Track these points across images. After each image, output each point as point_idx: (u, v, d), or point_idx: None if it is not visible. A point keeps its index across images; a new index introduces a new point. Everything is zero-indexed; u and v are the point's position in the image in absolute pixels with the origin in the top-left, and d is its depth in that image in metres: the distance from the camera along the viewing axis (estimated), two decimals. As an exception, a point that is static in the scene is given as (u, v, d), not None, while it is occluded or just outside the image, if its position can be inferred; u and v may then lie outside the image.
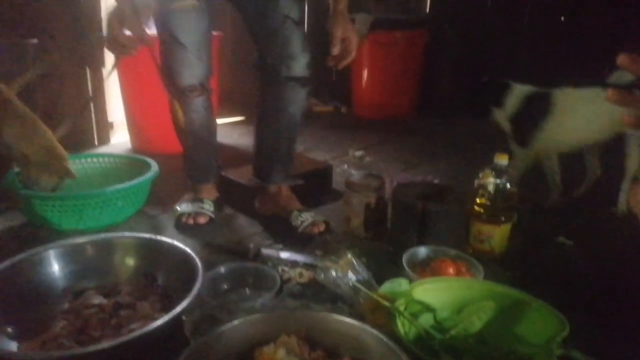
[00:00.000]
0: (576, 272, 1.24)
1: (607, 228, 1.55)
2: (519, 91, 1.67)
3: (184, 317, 0.87)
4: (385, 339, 0.75)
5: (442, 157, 2.09)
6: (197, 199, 1.50)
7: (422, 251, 1.20)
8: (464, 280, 1.02)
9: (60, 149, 1.35)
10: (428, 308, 0.94)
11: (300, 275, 1.13)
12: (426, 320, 0.93)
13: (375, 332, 0.77)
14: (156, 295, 1.03)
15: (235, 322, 0.78)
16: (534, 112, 1.63)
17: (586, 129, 1.62)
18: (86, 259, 1.08)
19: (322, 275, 1.05)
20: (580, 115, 1.60)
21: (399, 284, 0.94)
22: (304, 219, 1.41)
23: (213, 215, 1.48)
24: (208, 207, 1.48)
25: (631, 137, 1.59)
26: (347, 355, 0.79)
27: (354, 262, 1.03)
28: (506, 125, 1.70)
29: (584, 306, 1.04)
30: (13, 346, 0.88)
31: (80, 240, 1.09)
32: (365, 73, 3.20)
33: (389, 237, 1.36)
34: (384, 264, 1.18)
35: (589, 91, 1.59)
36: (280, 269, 1.15)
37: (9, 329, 0.91)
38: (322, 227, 1.40)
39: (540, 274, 1.23)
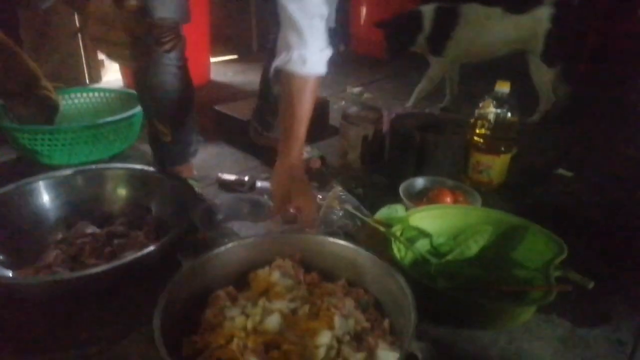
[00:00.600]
0: (575, 203, 1.23)
1: (607, 159, 1.53)
2: (429, 10, 1.82)
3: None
4: (380, 260, 0.74)
5: (442, 93, 2.04)
6: None
7: (420, 182, 1.18)
8: (461, 207, 1.00)
9: (45, 80, 1.30)
10: (424, 234, 0.93)
11: (296, 205, 1.11)
12: (422, 245, 0.93)
13: (370, 254, 0.76)
14: (150, 226, 1.01)
15: (229, 245, 0.77)
16: (445, 24, 1.81)
17: (487, 41, 1.82)
18: (78, 190, 1.07)
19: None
20: (482, 29, 1.79)
21: (395, 210, 0.93)
22: None
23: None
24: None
25: (530, 56, 1.78)
26: (343, 278, 0.79)
27: (342, 193, 1.01)
28: (424, 44, 1.85)
29: (583, 234, 1.04)
30: (7, 274, 0.88)
31: (70, 171, 1.07)
32: (363, 9, 3.08)
33: (386, 169, 1.33)
34: (381, 195, 1.16)
35: (491, 9, 1.77)
36: (275, 199, 1.13)
37: (2, 258, 0.90)
38: (317, 164, 1.38)
39: (539, 204, 1.22)
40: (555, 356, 0.78)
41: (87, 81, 2.30)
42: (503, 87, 1.21)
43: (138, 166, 1.11)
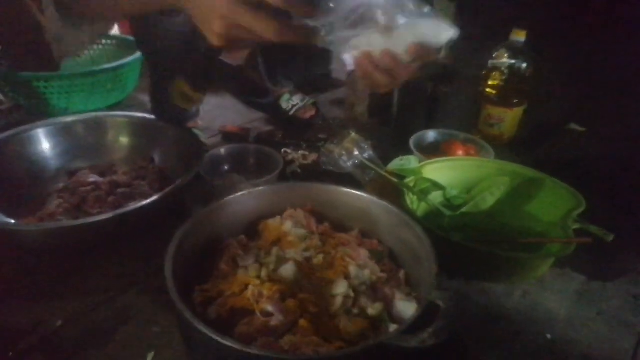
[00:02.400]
0: (588, 157, 1.20)
1: (620, 113, 1.49)
2: None
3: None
4: (396, 210, 0.72)
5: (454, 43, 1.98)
6: None
7: (430, 135, 1.15)
8: (475, 160, 0.97)
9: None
10: (437, 186, 0.90)
11: (304, 157, 1.08)
12: (435, 198, 0.91)
13: (385, 203, 0.73)
14: (154, 175, 0.98)
15: (239, 194, 0.74)
16: None
17: None
18: (78, 138, 1.02)
19: (326, 159, 1.01)
20: None
21: (408, 161, 0.90)
22: (295, 102, 1.33)
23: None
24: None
25: None
26: (356, 229, 0.77)
27: (359, 140, 0.98)
28: None
29: (597, 188, 1.01)
30: (9, 222, 0.85)
31: (69, 119, 1.03)
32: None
33: (395, 122, 1.29)
34: (391, 149, 1.13)
35: None
36: (282, 150, 1.10)
37: (3, 207, 0.87)
38: (312, 112, 1.33)
39: (551, 159, 1.19)
40: (570, 310, 0.77)
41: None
42: (519, 36, 1.16)
43: (140, 114, 1.07)
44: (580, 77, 1.72)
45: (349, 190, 0.76)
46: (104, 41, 1.54)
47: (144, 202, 0.76)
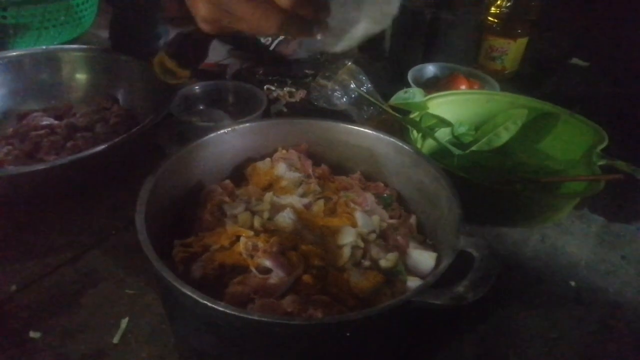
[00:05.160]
0: (596, 92, 1.12)
1: (623, 47, 1.41)
2: None
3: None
4: (407, 147, 0.61)
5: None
6: None
7: (430, 69, 1.04)
8: (484, 93, 0.87)
9: None
10: (445, 122, 0.80)
11: (290, 94, 0.97)
12: (442, 135, 0.81)
13: (393, 140, 0.63)
14: (118, 117, 0.85)
15: (221, 131, 0.63)
16: None
17: None
18: (27, 75, 0.88)
19: (317, 94, 0.90)
20: None
21: (413, 95, 0.79)
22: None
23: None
24: None
25: None
26: (357, 171, 0.67)
27: (356, 71, 0.86)
28: None
29: (610, 124, 0.93)
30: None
31: (15, 53, 0.88)
32: None
33: (389, 55, 1.18)
34: (386, 84, 1.02)
35: None
36: (265, 87, 0.98)
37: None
38: (294, 46, 1.19)
39: (557, 93, 1.10)
40: (593, 254, 0.70)
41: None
42: (527, -44, 1.04)
43: (100, 47, 0.92)
44: (581, 9, 1.61)
45: (350, 125, 0.66)
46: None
47: (106, 145, 0.64)
